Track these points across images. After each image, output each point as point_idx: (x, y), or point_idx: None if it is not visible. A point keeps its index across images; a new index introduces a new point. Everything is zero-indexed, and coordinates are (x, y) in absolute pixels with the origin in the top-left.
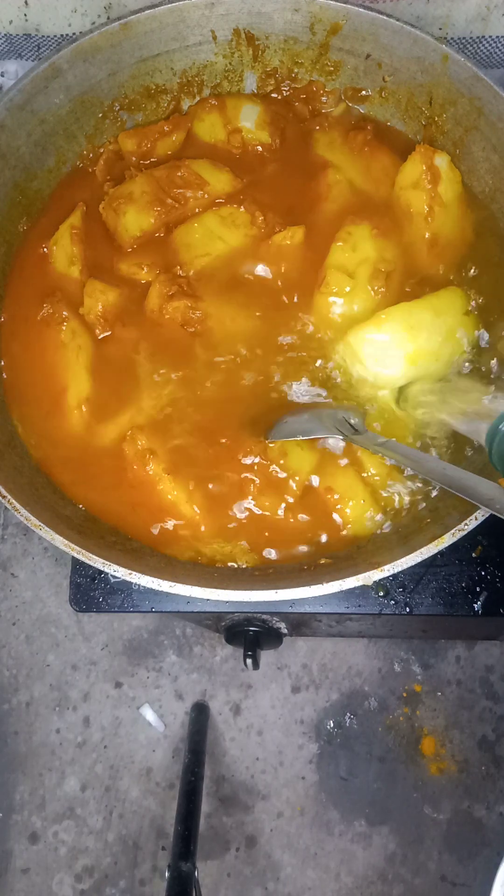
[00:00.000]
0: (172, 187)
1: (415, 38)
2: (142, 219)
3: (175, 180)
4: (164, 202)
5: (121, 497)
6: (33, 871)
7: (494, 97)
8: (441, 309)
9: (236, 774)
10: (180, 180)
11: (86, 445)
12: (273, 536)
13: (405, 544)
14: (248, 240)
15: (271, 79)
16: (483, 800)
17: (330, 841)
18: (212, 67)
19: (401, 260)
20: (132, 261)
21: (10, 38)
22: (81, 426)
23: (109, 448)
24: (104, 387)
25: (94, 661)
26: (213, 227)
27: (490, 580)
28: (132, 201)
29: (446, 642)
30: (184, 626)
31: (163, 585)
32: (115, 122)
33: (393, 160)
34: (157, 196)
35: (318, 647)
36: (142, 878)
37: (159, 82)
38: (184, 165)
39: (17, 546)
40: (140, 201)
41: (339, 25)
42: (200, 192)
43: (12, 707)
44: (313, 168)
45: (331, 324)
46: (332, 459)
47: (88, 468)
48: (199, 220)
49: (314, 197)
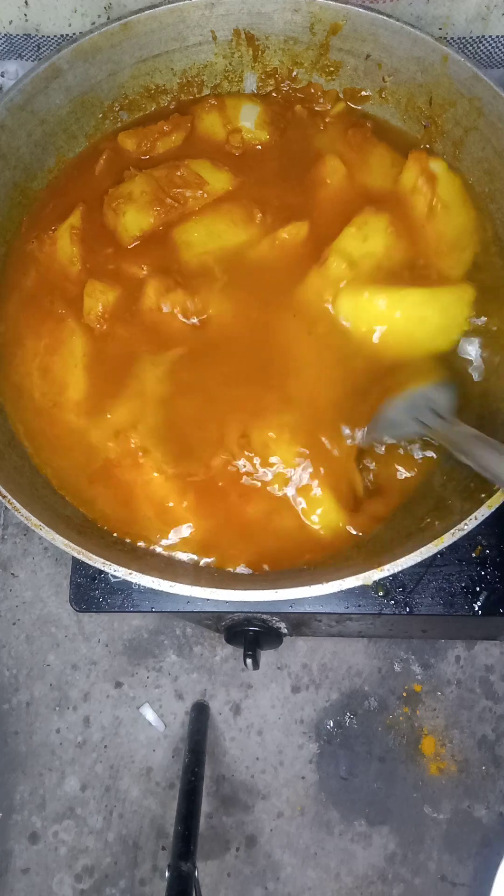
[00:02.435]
0: (172, 187)
1: (415, 39)
2: (141, 218)
3: (174, 180)
4: (164, 202)
5: (113, 496)
6: (33, 871)
7: (494, 97)
8: (441, 298)
9: (236, 774)
10: (180, 180)
11: (81, 443)
12: (267, 542)
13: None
14: (248, 237)
15: (271, 79)
16: (483, 800)
17: (330, 841)
18: (212, 68)
19: (405, 261)
20: (132, 260)
21: (10, 38)
22: (78, 424)
23: (103, 446)
24: (101, 385)
25: (95, 660)
26: (212, 226)
27: (490, 580)
28: (132, 201)
29: (446, 642)
30: (184, 626)
31: (163, 585)
32: (116, 122)
33: (393, 156)
34: (157, 196)
35: (318, 646)
36: (142, 878)
37: (159, 82)
38: (183, 165)
39: (17, 546)
40: (140, 201)
41: (338, 26)
42: (200, 191)
43: (12, 707)
44: (312, 163)
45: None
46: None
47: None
48: (199, 219)
49: (314, 189)
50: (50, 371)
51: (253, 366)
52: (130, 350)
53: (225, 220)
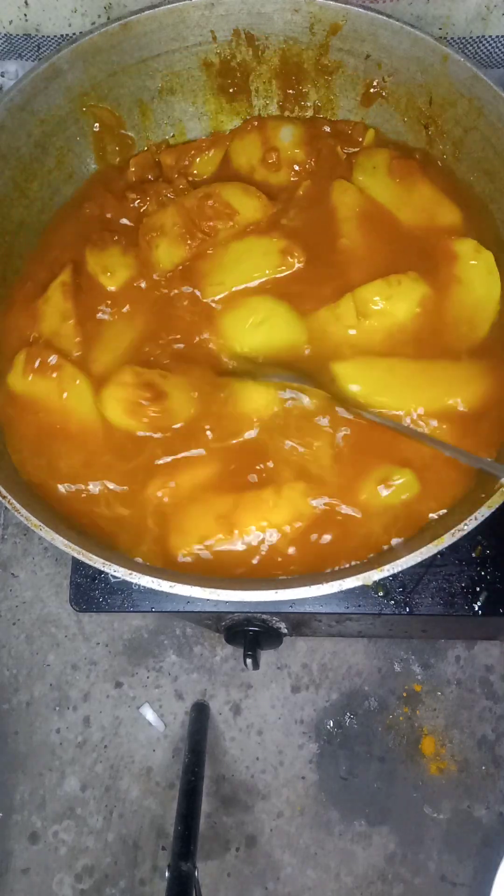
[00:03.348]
0: (203, 219)
1: (414, 39)
2: (174, 252)
3: (206, 211)
4: (195, 235)
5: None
6: (33, 871)
7: (494, 97)
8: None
9: (236, 774)
10: (211, 210)
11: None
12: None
13: (405, 544)
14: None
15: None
16: (483, 800)
17: (330, 841)
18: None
19: (422, 334)
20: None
21: (10, 38)
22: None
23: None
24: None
25: (95, 660)
26: (241, 258)
27: (490, 580)
28: (164, 234)
29: (446, 642)
30: (184, 626)
31: (163, 585)
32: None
33: (434, 192)
34: (188, 229)
35: (318, 646)
36: (142, 878)
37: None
38: (214, 194)
39: (17, 546)
40: (171, 233)
41: (338, 26)
42: (231, 222)
43: (12, 707)
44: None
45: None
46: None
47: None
48: (228, 252)
49: (341, 225)
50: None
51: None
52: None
53: (254, 254)
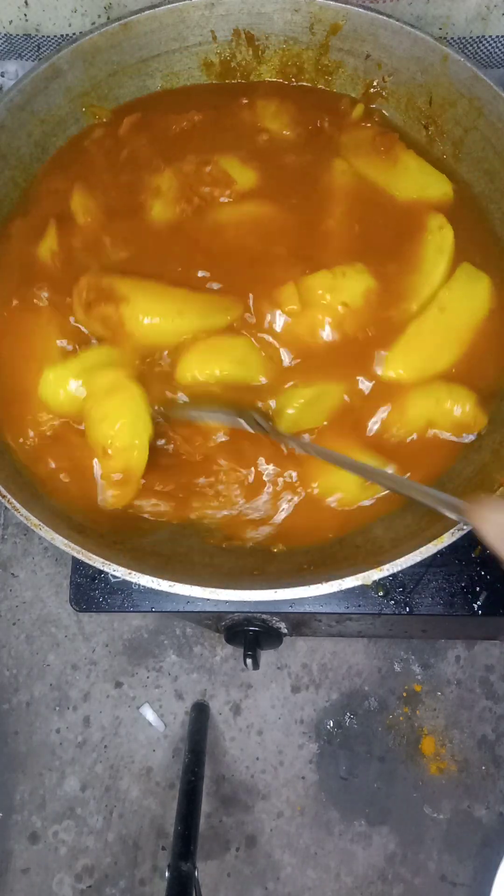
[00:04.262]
0: (200, 185)
1: (415, 39)
2: (167, 212)
3: (203, 177)
4: (191, 200)
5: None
6: (33, 871)
7: (494, 97)
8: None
9: (236, 774)
10: (208, 177)
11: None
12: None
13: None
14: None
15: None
16: (483, 800)
17: (330, 841)
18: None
19: (372, 314)
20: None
21: (10, 38)
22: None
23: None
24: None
25: (95, 660)
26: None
27: (490, 580)
28: (159, 195)
29: (446, 642)
30: (184, 626)
31: (163, 585)
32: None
33: (420, 164)
34: (184, 193)
35: (318, 646)
36: (142, 878)
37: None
38: (212, 161)
39: (17, 546)
40: (167, 196)
41: (338, 26)
42: (228, 189)
43: (12, 707)
44: (329, 166)
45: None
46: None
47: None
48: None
49: (329, 192)
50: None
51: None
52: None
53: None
